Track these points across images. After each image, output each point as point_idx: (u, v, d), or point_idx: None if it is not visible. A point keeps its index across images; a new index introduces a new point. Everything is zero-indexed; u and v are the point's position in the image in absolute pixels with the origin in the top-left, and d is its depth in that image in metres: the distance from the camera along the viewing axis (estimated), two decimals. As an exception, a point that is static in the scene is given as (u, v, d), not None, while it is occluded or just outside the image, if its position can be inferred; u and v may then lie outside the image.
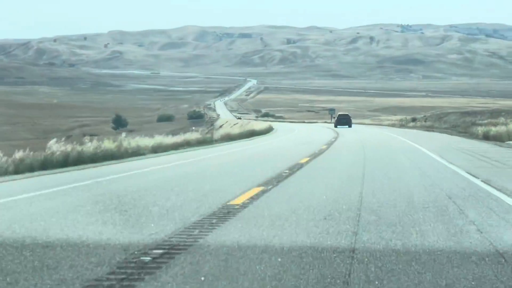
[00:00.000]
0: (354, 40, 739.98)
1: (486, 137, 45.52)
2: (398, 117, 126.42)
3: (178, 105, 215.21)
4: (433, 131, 67.71)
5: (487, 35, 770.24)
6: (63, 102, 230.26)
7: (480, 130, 50.21)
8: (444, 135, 56.21)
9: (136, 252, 7.50)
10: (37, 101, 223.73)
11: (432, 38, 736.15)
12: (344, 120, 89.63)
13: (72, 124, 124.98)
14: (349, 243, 8.04)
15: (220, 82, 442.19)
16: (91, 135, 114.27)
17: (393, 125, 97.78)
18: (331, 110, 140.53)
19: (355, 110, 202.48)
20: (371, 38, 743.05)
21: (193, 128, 71.34)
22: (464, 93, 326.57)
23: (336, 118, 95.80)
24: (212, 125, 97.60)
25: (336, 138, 48.23)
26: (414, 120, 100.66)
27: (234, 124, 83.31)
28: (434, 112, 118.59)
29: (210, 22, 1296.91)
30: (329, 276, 6.47)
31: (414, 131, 71.12)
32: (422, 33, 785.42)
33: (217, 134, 48.09)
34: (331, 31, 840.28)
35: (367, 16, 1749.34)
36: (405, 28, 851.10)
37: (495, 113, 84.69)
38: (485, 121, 68.15)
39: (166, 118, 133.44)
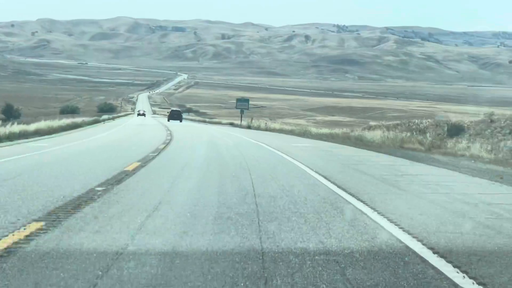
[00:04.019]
0: (289, 38, 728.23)
1: None
2: (373, 122, 60.93)
3: (93, 97, 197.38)
4: None
5: (423, 39, 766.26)
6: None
7: None
8: None
9: None
10: None
11: (368, 39, 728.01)
12: (175, 115, 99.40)
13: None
14: None
15: (149, 75, 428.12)
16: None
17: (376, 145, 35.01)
18: (242, 101, 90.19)
19: (289, 109, 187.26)
20: (307, 37, 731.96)
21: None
22: (400, 95, 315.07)
23: (169, 113, 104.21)
24: (113, 120, 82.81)
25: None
26: (423, 131, 40.55)
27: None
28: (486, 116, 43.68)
29: (143, 14, 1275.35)
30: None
31: None
32: (358, 34, 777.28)
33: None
34: (266, 29, 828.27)
35: (304, 15, 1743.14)
36: (341, 29, 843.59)
37: None
38: None
39: (70, 110, 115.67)
